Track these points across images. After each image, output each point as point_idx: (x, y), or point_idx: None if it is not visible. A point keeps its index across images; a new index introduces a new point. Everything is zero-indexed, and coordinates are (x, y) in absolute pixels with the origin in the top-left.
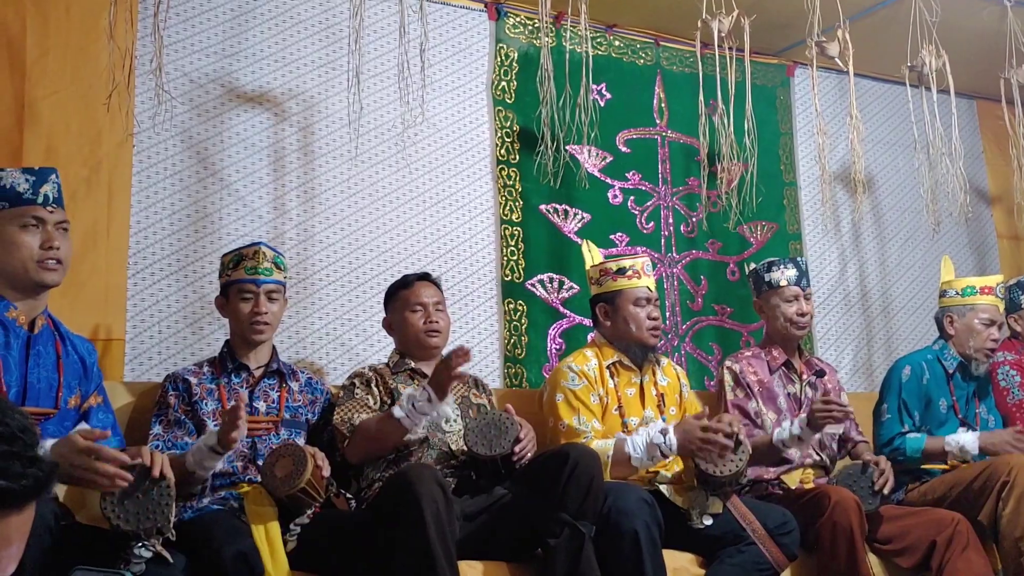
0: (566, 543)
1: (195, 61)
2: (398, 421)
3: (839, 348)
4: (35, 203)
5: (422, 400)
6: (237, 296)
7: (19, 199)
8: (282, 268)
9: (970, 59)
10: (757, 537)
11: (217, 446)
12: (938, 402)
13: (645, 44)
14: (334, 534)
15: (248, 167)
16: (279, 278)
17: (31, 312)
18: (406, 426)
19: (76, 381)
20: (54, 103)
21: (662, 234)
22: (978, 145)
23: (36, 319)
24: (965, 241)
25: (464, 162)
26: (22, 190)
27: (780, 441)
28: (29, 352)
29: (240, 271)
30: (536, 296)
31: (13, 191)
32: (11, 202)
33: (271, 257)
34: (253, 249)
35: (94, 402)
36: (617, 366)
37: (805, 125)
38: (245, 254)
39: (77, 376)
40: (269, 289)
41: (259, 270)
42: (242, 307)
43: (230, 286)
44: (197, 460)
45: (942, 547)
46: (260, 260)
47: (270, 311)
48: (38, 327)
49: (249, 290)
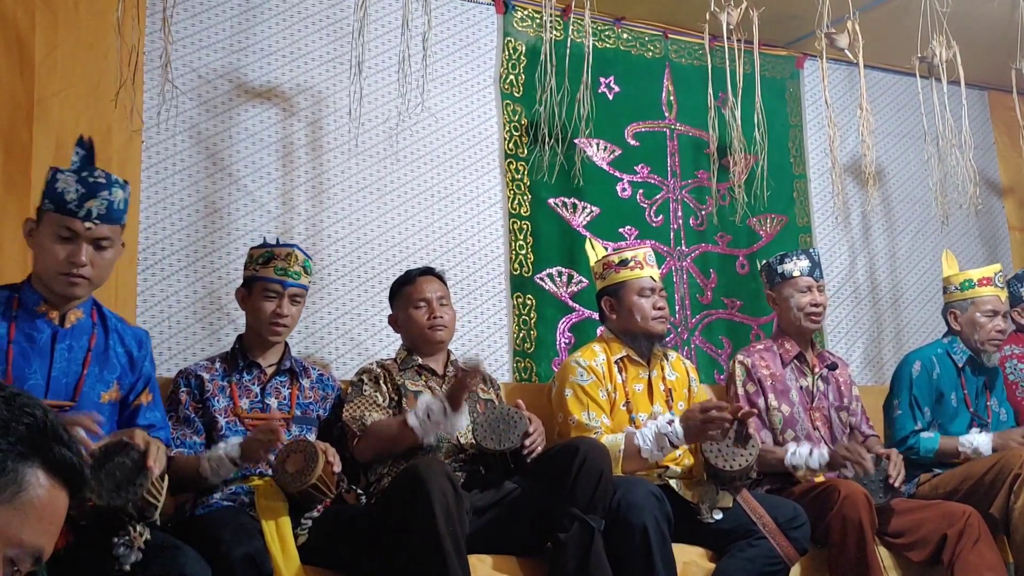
0: (575, 537)
1: (204, 57)
2: (411, 430)
3: (849, 341)
4: (75, 216)
5: (438, 412)
6: (261, 293)
7: (63, 207)
8: (309, 273)
9: (981, 49)
10: (767, 531)
11: (239, 459)
12: (949, 396)
13: (654, 37)
14: (345, 528)
15: (257, 162)
16: (305, 282)
17: (63, 308)
18: (419, 435)
19: (115, 375)
20: (63, 100)
21: (671, 227)
22: (990, 136)
23: (68, 314)
24: (976, 233)
25: (472, 156)
26: (68, 199)
27: (792, 465)
28: (55, 346)
29: (269, 269)
30: (545, 290)
31: (61, 198)
32: (56, 207)
33: (302, 261)
34: (286, 251)
35: (144, 400)
36: (625, 361)
37: (815, 117)
38: (277, 254)
39: (118, 370)
40: (294, 292)
41: (289, 272)
42: (265, 305)
43: (255, 281)
44: (214, 468)
45: (953, 540)
46: (291, 263)
47: (291, 314)
48: (70, 321)
49: (275, 290)
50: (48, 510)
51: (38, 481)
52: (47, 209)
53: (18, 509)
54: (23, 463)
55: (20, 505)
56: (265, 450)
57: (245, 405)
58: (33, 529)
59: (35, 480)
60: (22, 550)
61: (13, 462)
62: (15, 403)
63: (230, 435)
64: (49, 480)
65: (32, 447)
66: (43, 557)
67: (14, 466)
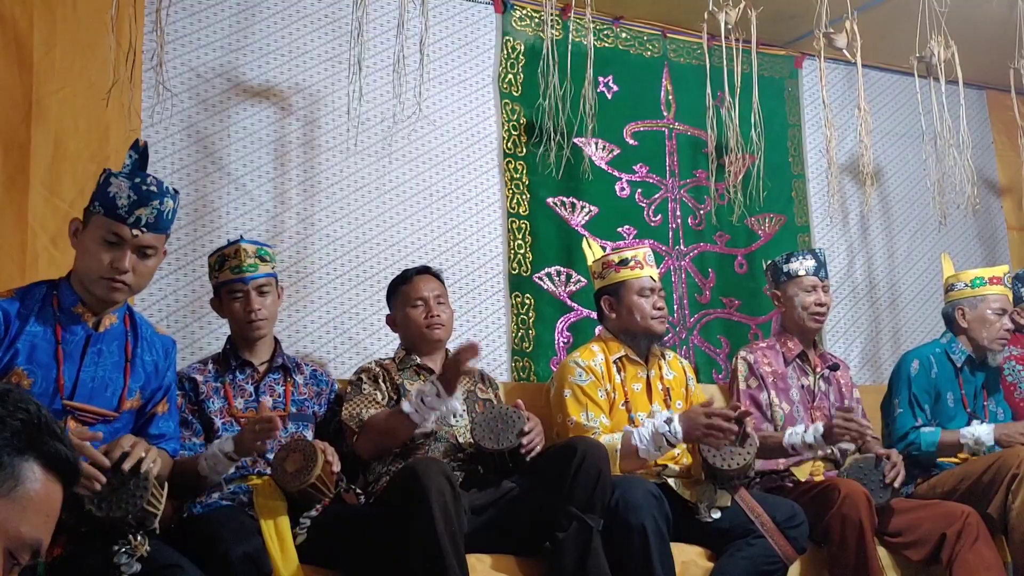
0: (574, 536)
1: (201, 55)
2: (407, 416)
3: (848, 341)
4: (124, 222)
5: (431, 395)
6: (228, 297)
7: (112, 211)
8: (268, 259)
9: (979, 49)
10: (766, 530)
11: (233, 453)
12: (946, 396)
13: (652, 36)
14: (343, 528)
15: (254, 161)
16: (267, 271)
17: (99, 311)
18: (415, 421)
19: (139, 383)
20: (62, 99)
21: (670, 227)
22: (988, 136)
23: (103, 319)
24: (974, 233)
25: (471, 155)
26: (119, 204)
27: (791, 444)
28: (87, 349)
29: (226, 272)
30: (544, 289)
31: (112, 202)
32: (106, 211)
33: (254, 252)
34: (234, 248)
35: (161, 410)
36: (624, 360)
37: (813, 117)
38: (227, 253)
39: (143, 378)
40: (258, 284)
41: (243, 267)
42: (235, 307)
43: (220, 287)
44: (211, 466)
45: (952, 540)
46: (243, 257)
47: (263, 306)
48: (104, 326)
49: (238, 289)
50: (45, 503)
51: (34, 475)
52: (96, 211)
53: (16, 503)
54: (19, 457)
55: (18, 499)
56: (262, 440)
57: (240, 405)
58: (31, 522)
59: (31, 474)
60: (21, 542)
61: (9, 457)
62: (8, 399)
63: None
64: (44, 474)
65: (27, 442)
66: (41, 549)
67: (10, 461)
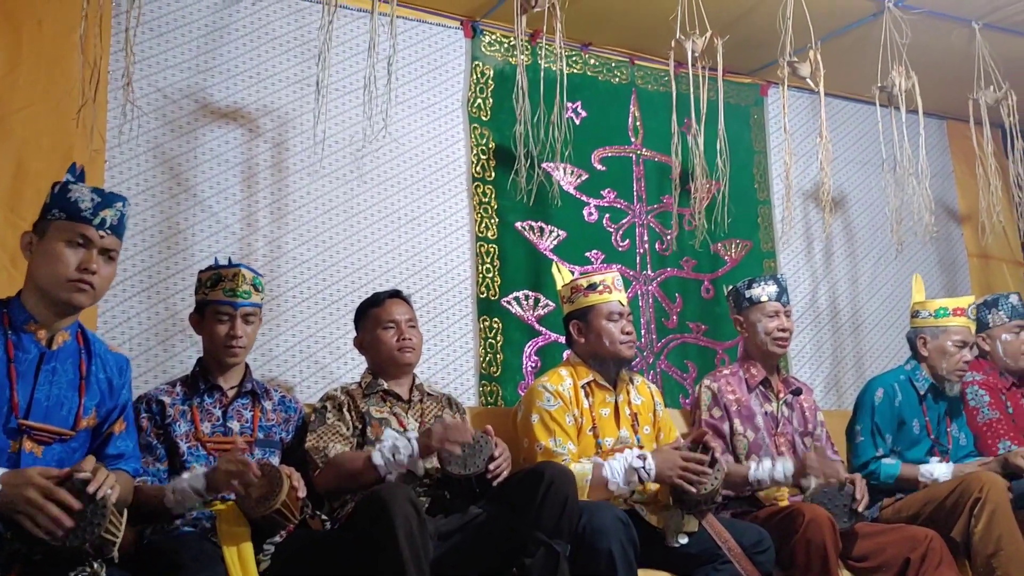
0: (541, 562)
1: (168, 76)
2: (375, 468)
3: (813, 366)
4: (90, 223)
5: (405, 453)
6: (213, 317)
7: (76, 215)
8: (260, 290)
9: (940, 80)
10: (733, 555)
11: (204, 490)
12: (911, 423)
13: (620, 63)
14: (307, 554)
15: (221, 183)
16: (257, 300)
17: (52, 328)
18: (381, 473)
19: (95, 401)
20: (25, 117)
21: (637, 252)
22: (948, 164)
23: (56, 336)
24: (936, 260)
25: (439, 179)
26: (83, 207)
27: (757, 479)
28: (40, 367)
29: (218, 292)
30: (512, 313)
31: (75, 206)
32: (68, 215)
33: (250, 279)
34: (233, 271)
35: (118, 429)
36: (592, 385)
37: (779, 144)
38: (225, 275)
39: (98, 396)
40: (246, 312)
41: (238, 292)
42: (218, 329)
43: (207, 305)
44: (178, 500)
45: (916, 564)
46: (239, 283)
47: (246, 334)
48: (57, 343)
49: (226, 312)
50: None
51: None
52: (56, 218)
53: None
54: None
55: None
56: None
57: (207, 429)
58: None
59: None
60: None
61: None
62: None
63: (192, 460)
64: None
65: None
66: None
67: None
